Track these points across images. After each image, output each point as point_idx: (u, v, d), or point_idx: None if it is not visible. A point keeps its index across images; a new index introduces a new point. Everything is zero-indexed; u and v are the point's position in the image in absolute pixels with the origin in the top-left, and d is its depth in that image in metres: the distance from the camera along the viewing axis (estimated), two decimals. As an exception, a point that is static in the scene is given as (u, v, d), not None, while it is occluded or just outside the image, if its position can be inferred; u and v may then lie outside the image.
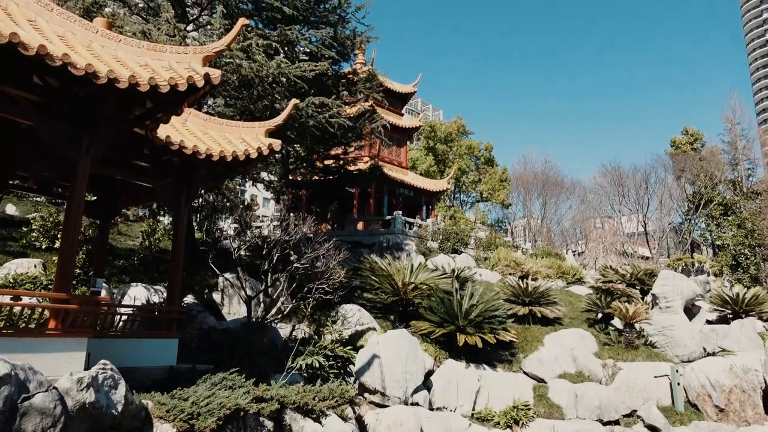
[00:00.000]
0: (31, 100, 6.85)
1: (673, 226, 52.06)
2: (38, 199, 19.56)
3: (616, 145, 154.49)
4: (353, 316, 14.40)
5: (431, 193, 33.81)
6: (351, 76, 21.98)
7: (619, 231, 47.81)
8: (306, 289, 13.19)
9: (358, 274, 17.22)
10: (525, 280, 20.95)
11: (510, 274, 23.36)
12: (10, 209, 18.18)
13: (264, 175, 26.43)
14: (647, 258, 47.36)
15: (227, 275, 13.93)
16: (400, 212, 27.62)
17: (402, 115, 34.76)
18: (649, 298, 19.64)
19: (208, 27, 16.90)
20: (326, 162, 25.24)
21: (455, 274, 18.01)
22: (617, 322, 17.93)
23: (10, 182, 9.98)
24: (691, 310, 19.08)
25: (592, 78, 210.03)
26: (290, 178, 25.83)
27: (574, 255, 41.28)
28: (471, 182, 57.29)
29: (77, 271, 11.65)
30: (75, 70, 5.85)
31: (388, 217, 27.71)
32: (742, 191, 45.53)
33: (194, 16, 17.00)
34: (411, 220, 28.65)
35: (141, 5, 15.54)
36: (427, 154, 53.67)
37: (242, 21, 7.76)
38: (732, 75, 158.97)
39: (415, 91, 35.19)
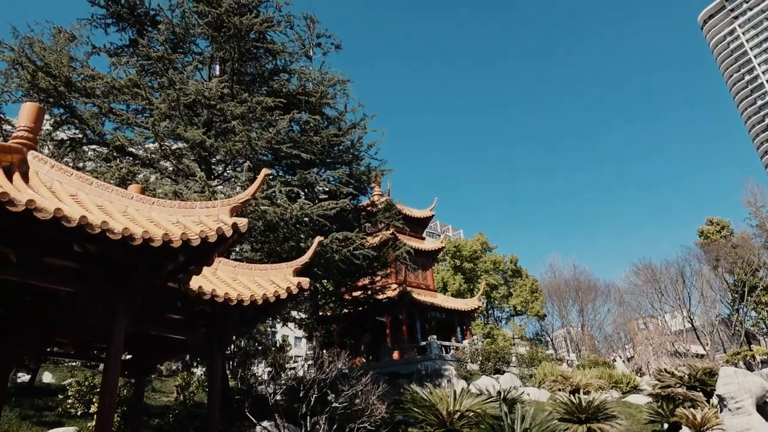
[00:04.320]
0: (70, 268, 7.18)
1: (721, 318, 49.50)
2: (74, 363, 19.60)
3: (637, 241, 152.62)
4: (400, 455, 13.48)
5: (463, 312, 33.16)
6: (370, 208, 22.78)
7: (666, 330, 45.51)
8: (347, 429, 12.53)
9: (399, 407, 16.39)
10: (576, 394, 19.65)
11: (559, 389, 22.03)
12: (47, 377, 18.18)
13: (294, 313, 26.40)
14: (702, 356, 44.43)
15: (265, 423, 13.38)
16: (435, 336, 26.92)
17: (423, 239, 35.31)
18: (714, 400, 18.13)
19: (232, 179, 18.03)
20: (354, 294, 25.27)
21: (502, 396, 17.04)
22: (687, 432, 16.41)
23: (48, 349, 10.12)
24: (764, 409, 17.45)
25: (598, 178, 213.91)
26: (320, 314, 25.74)
27: (623, 361, 38.99)
28: (502, 297, 56.28)
29: (112, 435, 11.30)
30: (112, 235, 6.19)
31: (423, 343, 26.97)
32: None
33: (219, 173, 18.21)
34: (447, 343, 27.81)
35: (171, 169, 16.76)
36: (455, 273, 53.52)
37: (265, 171, 8.28)
38: (738, 159, 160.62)
39: (433, 215, 36.09)
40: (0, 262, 6.80)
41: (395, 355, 28.61)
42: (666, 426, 17.09)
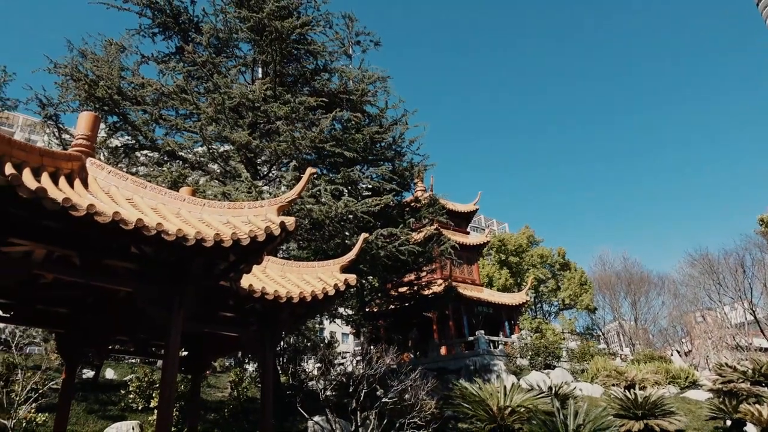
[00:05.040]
0: (129, 269, 7.48)
1: (787, 309, 46.92)
2: (133, 360, 20.46)
3: (691, 230, 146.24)
4: (450, 450, 13.44)
5: (511, 307, 32.71)
6: (414, 203, 22.75)
7: (725, 323, 43.52)
8: (397, 425, 12.59)
9: (448, 402, 16.35)
10: (631, 390, 19.09)
11: (613, 385, 21.45)
12: (110, 373, 19.05)
13: (341, 310, 26.71)
14: (766, 349, 42.26)
15: (316, 418, 13.59)
16: (482, 331, 26.67)
17: (468, 233, 35.00)
18: (782, 395, 17.25)
19: (277, 179, 18.37)
20: (400, 290, 25.31)
21: (553, 391, 16.74)
22: (752, 429, 15.67)
23: (110, 347, 10.59)
24: (838, 405, 16.45)
25: (649, 165, 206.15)
26: (367, 310, 25.93)
27: (680, 356, 37.57)
28: (550, 290, 55.16)
29: (173, 429, 11.75)
30: (167, 236, 6.41)
31: (471, 338, 26.77)
32: None
33: (264, 173, 18.59)
34: (495, 338, 27.51)
35: (219, 171, 17.22)
36: (500, 268, 52.82)
37: (310, 170, 8.38)
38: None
39: (477, 209, 35.71)
40: (64, 265, 7.16)
41: (443, 350, 28.51)
42: (729, 423, 16.38)
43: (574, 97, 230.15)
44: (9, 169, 5.13)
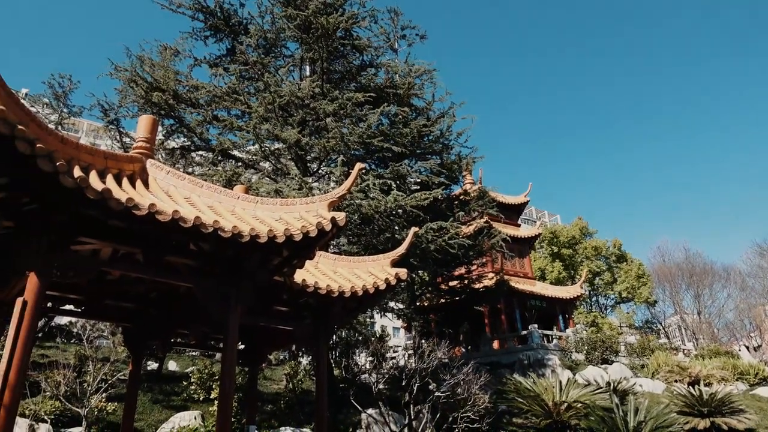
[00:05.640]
0: (188, 265, 7.77)
1: None
2: (194, 353, 21.27)
3: (758, 219, 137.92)
4: (505, 445, 13.30)
5: (565, 301, 31.94)
6: (463, 196, 22.55)
7: (799, 316, 40.97)
8: (451, 419, 12.56)
9: (502, 397, 16.17)
10: (696, 386, 18.29)
11: (676, 381, 20.61)
12: (172, 365, 19.89)
13: (392, 304, 26.81)
14: None
15: (370, 411, 13.74)
16: (535, 325, 26.19)
17: (519, 225, 34.40)
18: None
19: (326, 176, 18.60)
20: (451, 283, 25.17)
21: (612, 387, 16.26)
22: (831, 429, 14.74)
23: (172, 340, 11.06)
24: None
25: (707, 148, 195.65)
26: (417, 304, 25.93)
27: (749, 351, 35.66)
28: (606, 283, 53.51)
29: (232, 420, 12.15)
30: (223, 233, 6.62)
31: (524, 333, 26.34)
32: None
33: (314, 170, 18.87)
34: (548, 332, 26.97)
35: (270, 168, 17.61)
36: (553, 260, 51.64)
37: (359, 166, 8.44)
38: None
39: (527, 201, 35.02)
40: (129, 262, 7.51)
41: (495, 344, 28.19)
42: (804, 421, 15.46)
43: (626, 84, 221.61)
44: (77, 172, 5.42)
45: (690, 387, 18.25)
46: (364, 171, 15.94)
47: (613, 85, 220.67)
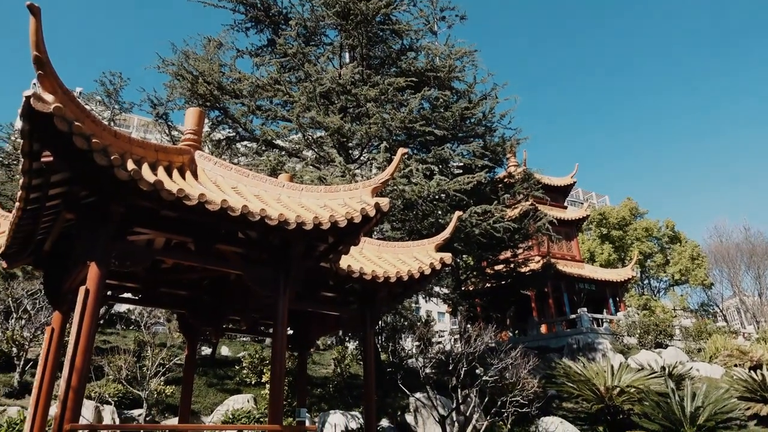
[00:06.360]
0: (237, 253, 7.96)
1: None
2: (245, 338, 21.91)
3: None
4: (556, 429, 13.15)
5: (615, 284, 31.12)
6: (507, 179, 22.18)
7: None
8: (499, 403, 12.50)
9: (552, 381, 15.97)
10: (758, 371, 17.53)
11: (735, 365, 19.80)
12: (225, 350, 20.56)
13: (437, 289, 26.78)
14: None
15: (417, 395, 13.83)
16: (585, 309, 25.66)
17: (565, 207, 33.62)
18: None
19: (369, 162, 18.64)
20: (496, 267, 24.91)
21: (667, 372, 15.79)
22: None
23: (224, 326, 11.40)
24: None
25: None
26: (463, 288, 25.79)
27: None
28: (658, 265, 51.76)
29: (284, 403, 12.49)
30: (270, 221, 6.74)
31: (572, 316, 25.86)
32: None
33: (356, 157, 18.94)
34: (598, 316, 26.38)
35: (313, 156, 17.79)
36: (602, 243, 50.28)
37: (401, 151, 8.40)
38: None
39: (574, 182, 34.16)
40: (181, 251, 7.76)
41: (543, 329, 27.81)
42: None
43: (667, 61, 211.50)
44: (130, 165, 5.62)
45: (751, 371, 17.50)
46: (406, 156, 15.87)
47: (667, 57, 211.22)
